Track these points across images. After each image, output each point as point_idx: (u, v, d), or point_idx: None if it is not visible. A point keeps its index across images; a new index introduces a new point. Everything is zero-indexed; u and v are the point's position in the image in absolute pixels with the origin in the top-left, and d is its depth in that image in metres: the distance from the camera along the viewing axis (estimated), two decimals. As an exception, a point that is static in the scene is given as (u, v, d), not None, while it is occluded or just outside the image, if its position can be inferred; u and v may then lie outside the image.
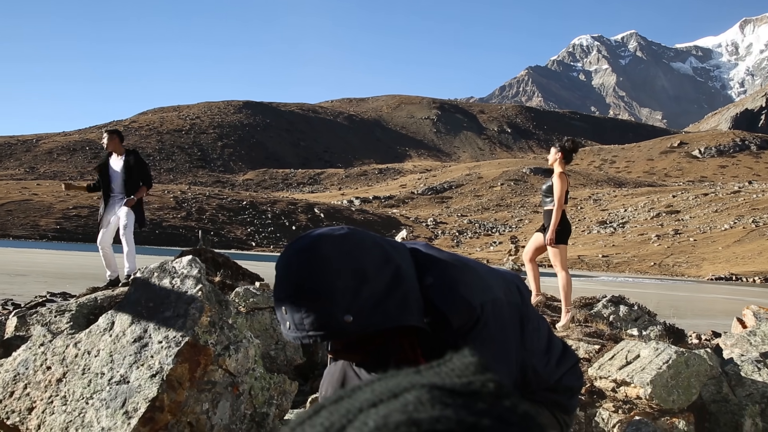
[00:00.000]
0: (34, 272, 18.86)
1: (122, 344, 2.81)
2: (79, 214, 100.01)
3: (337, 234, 1.28)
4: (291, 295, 1.23)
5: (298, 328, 1.23)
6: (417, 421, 0.35)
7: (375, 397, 0.39)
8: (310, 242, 1.25)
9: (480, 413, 0.37)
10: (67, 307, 4.65)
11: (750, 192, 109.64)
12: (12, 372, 2.97)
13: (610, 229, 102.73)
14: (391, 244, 1.34)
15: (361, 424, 0.36)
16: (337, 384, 1.57)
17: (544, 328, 1.65)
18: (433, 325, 1.36)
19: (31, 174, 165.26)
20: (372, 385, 0.42)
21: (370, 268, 1.25)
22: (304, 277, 1.22)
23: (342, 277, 1.22)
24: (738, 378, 4.05)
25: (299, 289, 1.22)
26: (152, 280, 3.05)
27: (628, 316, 6.39)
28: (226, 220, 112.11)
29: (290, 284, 1.23)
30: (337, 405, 0.40)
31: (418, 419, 0.35)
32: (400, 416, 0.36)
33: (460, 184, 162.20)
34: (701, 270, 70.92)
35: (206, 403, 2.71)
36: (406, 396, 0.38)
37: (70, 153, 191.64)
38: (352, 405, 0.39)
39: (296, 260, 1.24)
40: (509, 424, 0.37)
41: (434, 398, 0.38)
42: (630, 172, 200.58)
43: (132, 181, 7.57)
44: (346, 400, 0.40)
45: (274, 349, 4.94)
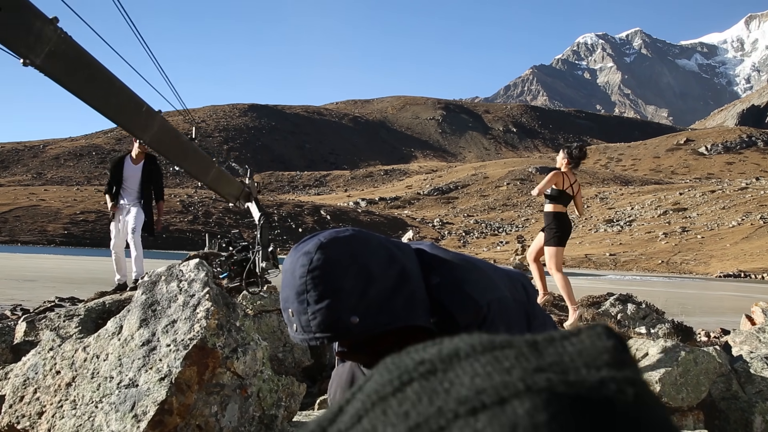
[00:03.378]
0: (43, 277, 18.95)
1: (131, 348, 2.82)
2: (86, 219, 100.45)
3: (343, 235, 1.28)
4: (297, 297, 1.24)
5: (305, 330, 1.24)
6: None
7: (476, 395, 0.29)
8: (315, 244, 1.26)
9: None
10: (76, 311, 4.68)
11: (757, 188, 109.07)
12: (22, 377, 2.98)
13: (617, 228, 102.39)
14: (396, 245, 1.35)
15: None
16: (346, 386, 1.57)
17: (550, 326, 1.65)
18: (440, 324, 1.36)
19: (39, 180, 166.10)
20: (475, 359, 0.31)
21: (376, 269, 1.25)
22: (309, 279, 1.22)
23: (348, 278, 1.22)
24: (747, 375, 4.03)
25: (305, 291, 1.23)
26: (160, 284, 3.06)
27: (636, 315, 6.37)
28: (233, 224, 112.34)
29: (296, 286, 1.24)
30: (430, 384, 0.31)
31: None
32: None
33: (466, 185, 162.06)
34: (709, 267, 70.59)
35: (215, 405, 2.72)
36: (516, 407, 0.28)
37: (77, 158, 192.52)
38: (447, 401, 0.29)
39: (302, 262, 1.24)
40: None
41: (553, 419, 0.27)
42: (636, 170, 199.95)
43: (148, 187, 7.63)
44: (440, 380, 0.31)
45: (281, 351, 4.95)
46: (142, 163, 7.63)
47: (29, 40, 4.43)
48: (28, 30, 4.41)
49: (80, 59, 5.00)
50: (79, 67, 5.00)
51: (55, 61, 4.70)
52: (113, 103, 5.58)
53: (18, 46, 4.37)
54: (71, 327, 4.40)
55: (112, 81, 5.53)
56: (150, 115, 6.20)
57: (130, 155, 7.73)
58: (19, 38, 4.37)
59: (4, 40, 4.30)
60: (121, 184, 7.63)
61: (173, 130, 7.10)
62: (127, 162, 7.68)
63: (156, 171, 7.71)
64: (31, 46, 4.45)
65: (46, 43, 4.54)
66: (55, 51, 4.63)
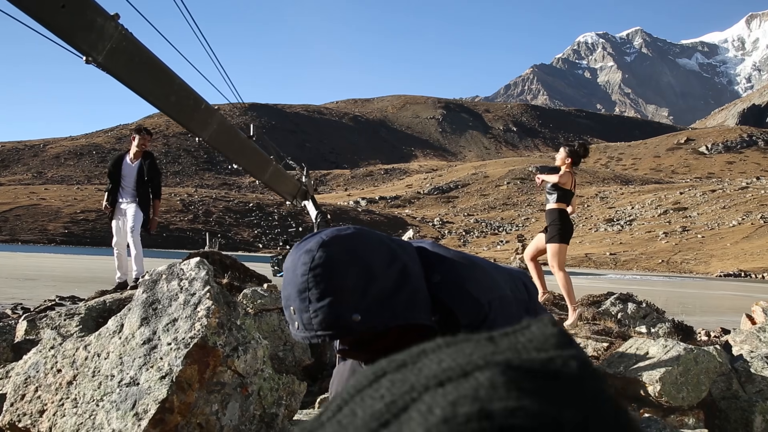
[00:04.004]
0: (43, 276, 18.96)
1: (131, 346, 2.82)
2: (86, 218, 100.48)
3: (344, 233, 1.28)
4: (299, 295, 1.24)
5: (306, 328, 1.24)
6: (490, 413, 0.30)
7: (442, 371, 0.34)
8: (316, 242, 1.25)
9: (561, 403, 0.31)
10: (77, 310, 4.68)
11: (758, 188, 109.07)
12: (23, 375, 2.99)
13: (618, 227, 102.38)
14: (398, 243, 1.34)
15: (426, 410, 0.31)
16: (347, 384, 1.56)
17: None
18: (442, 322, 1.36)
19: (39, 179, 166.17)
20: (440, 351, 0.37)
21: (377, 267, 1.25)
22: (311, 277, 1.22)
23: (349, 276, 1.22)
24: (748, 374, 4.03)
25: (307, 289, 1.22)
26: (160, 282, 3.06)
27: (636, 314, 6.38)
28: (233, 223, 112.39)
29: (298, 284, 1.24)
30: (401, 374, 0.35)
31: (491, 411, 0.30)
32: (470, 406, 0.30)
33: (466, 184, 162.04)
34: (709, 267, 70.58)
35: (216, 404, 2.72)
36: (477, 377, 0.32)
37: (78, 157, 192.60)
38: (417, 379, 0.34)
39: (304, 260, 1.24)
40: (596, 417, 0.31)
41: (510, 382, 0.32)
42: (637, 170, 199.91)
43: (145, 185, 7.59)
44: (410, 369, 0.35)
45: (282, 350, 4.96)
46: (138, 162, 7.61)
47: (91, 37, 4.40)
48: (90, 27, 4.38)
49: (140, 56, 4.97)
50: (139, 63, 4.97)
51: (117, 58, 4.67)
52: (173, 100, 5.55)
53: (80, 44, 4.35)
54: (72, 325, 4.40)
55: (172, 78, 5.49)
56: (209, 113, 6.16)
57: (128, 154, 7.71)
58: (82, 36, 4.35)
59: (68, 38, 4.29)
60: (120, 183, 7.61)
61: (232, 128, 7.05)
62: (125, 160, 7.67)
63: (152, 169, 7.67)
64: (93, 43, 4.42)
65: (108, 40, 4.51)
66: (117, 48, 4.61)
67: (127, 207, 7.55)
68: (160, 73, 5.30)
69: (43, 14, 4.12)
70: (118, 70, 4.76)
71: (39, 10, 4.10)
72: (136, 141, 7.64)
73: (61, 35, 4.26)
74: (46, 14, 4.13)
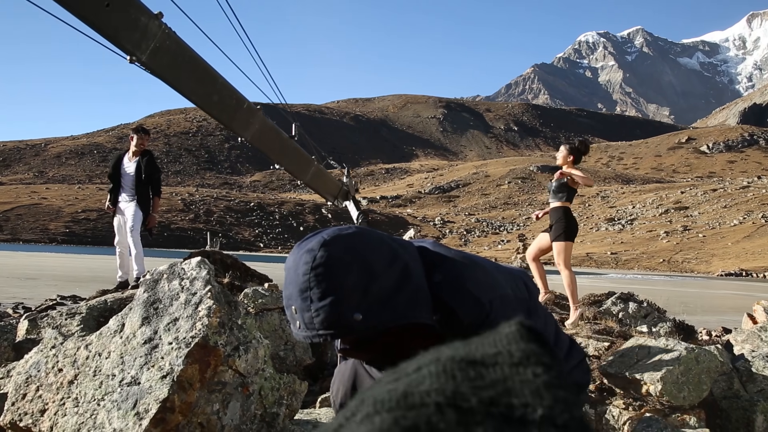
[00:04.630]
0: (44, 276, 18.97)
1: (132, 346, 2.82)
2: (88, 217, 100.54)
3: (346, 233, 1.27)
4: (300, 294, 1.23)
5: (308, 328, 1.23)
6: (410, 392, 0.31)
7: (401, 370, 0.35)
8: (318, 242, 1.25)
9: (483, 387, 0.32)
10: (78, 309, 4.69)
11: (759, 187, 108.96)
12: (24, 374, 2.99)
13: (619, 226, 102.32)
14: (399, 242, 1.34)
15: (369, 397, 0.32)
16: (348, 383, 1.56)
17: (551, 324, 1.65)
18: (443, 322, 1.36)
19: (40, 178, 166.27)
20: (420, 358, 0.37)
21: (379, 266, 1.24)
22: (313, 276, 1.22)
23: (351, 276, 1.21)
24: (749, 374, 4.03)
25: (308, 288, 1.22)
26: (161, 282, 3.06)
27: (637, 313, 6.37)
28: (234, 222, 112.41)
29: (299, 284, 1.23)
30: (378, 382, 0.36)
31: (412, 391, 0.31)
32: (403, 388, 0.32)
33: (468, 183, 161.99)
34: (711, 266, 70.53)
35: (217, 403, 2.72)
36: (428, 368, 0.34)
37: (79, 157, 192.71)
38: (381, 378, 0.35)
39: (305, 259, 1.24)
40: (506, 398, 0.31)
41: (450, 370, 0.33)
42: (638, 169, 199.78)
43: (144, 183, 7.58)
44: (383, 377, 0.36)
45: (283, 349, 4.96)
46: (137, 160, 7.60)
47: (135, 37, 4.39)
48: (134, 26, 4.37)
49: (183, 55, 4.95)
50: (182, 63, 4.95)
51: (160, 58, 4.65)
52: (215, 99, 5.52)
53: (125, 43, 4.34)
54: (73, 325, 4.41)
55: (215, 77, 5.47)
56: (251, 113, 6.13)
57: (127, 153, 7.72)
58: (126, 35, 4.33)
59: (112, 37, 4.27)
60: (120, 183, 7.62)
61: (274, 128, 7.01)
62: (124, 160, 7.68)
63: (151, 166, 7.65)
64: (137, 42, 4.41)
65: (152, 39, 4.49)
66: (160, 47, 4.59)
67: (127, 206, 7.55)
68: (202, 72, 5.27)
69: (88, 13, 4.11)
70: (161, 70, 4.74)
71: (83, 8, 4.09)
72: (134, 141, 7.65)
73: (105, 34, 4.25)
74: (90, 13, 4.12)
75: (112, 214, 7.69)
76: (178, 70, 4.92)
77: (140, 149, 7.65)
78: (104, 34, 4.22)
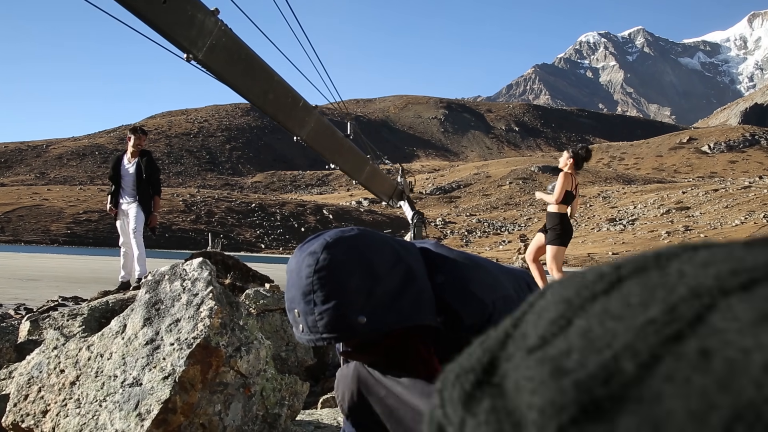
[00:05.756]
0: (46, 277, 18.99)
1: (134, 347, 2.83)
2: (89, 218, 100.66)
3: (348, 235, 1.26)
4: (303, 297, 1.22)
5: (311, 331, 1.22)
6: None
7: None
8: (320, 244, 1.24)
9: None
10: (79, 310, 4.69)
11: (761, 187, 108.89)
12: (26, 375, 2.99)
13: (620, 227, 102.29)
14: (401, 244, 1.33)
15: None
16: (354, 386, 1.55)
17: None
18: (446, 323, 1.35)
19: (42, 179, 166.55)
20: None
21: (382, 268, 1.24)
22: (316, 279, 1.20)
23: (354, 278, 1.20)
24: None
25: (312, 291, 1.20)
26: (163, 282, 3.06)
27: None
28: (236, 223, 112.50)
29: (302, 287, 1.22)
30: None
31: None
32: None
33: (469, 184, 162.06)
34: (712, 266, 70.48)
35: (218, 404, 2.72)
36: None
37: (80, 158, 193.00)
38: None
39: (308, 262, 1.22)
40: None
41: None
42: (639, 169, 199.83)
43: (144, 183, 7.58)
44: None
45: (284, 350, 4.96)
46: (136, 161, 7.61)
47: (191, 34, 4.36)
48: (190, 23, 4.35)
49: (240, 52, 4.92)
50: (239, 60, 4.92)
51: (216, 55, 4.63)
52: (271, 98, 5.49)
53: (181, 40, 4.32)
54: (75, 326, 4.41)
55: (271, 75, 5.43)
56: (307, 111, 6.09)
57: (126, 154, 7.72)
58: (182, 32, 4.31)
59: (168, 34, 4.26)
60: (120, 183, 7.63)
61: (330, 127, 6.96)
62: (124, 160, 7.68)
63: (150, 165, 7.65)
64: (194, 39, 4.39)
65: (208, 36, 4.47)
66: (217, 44, 4.57)
67: (129, 208, 7.56)
68: (259, 69, 5.23)
69: (145, 9, 4.09)
70: (218, 67, 4.72)
71: (140, 5, 4.07)
72: (131, 141, 7.66)
73: (162, 32, 4.23)
74: (147, 9, 4.10)
75: (115, 216, 7.69)
76: (235, 68, 4.89)
77: (138, 150, 7.65)
78: (160, 31, 4.21)
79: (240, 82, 5.05)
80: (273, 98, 5.50)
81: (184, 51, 4.37)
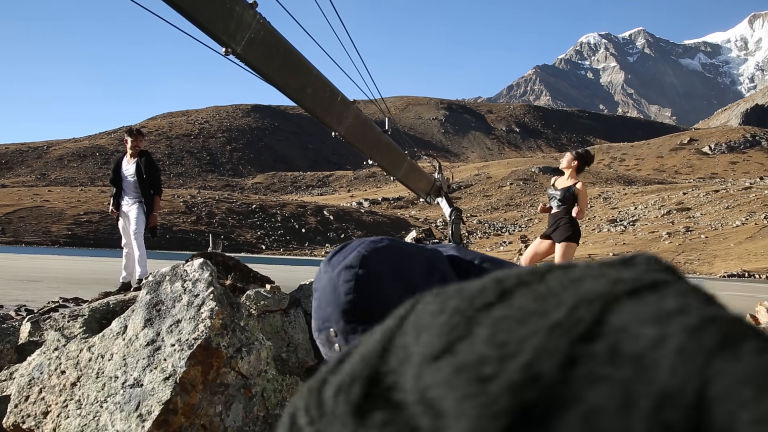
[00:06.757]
0: (47, 278, 18.99)
1: (135, 348, 2.82)
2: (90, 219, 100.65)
3: (382, 245, 1.18)
4: (343, 315, 1.14)
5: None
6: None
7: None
8: (356, 257, 1.15)
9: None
10: (80, 312, 4.69)
11: (761, 188, 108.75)
12: (27, 376, 2.99)
13: (621, 228, 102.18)
14: (431, 250, 1.25)
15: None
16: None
17: None
18: None
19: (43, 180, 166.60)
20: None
21: (419, 278, 1.17)
22: (356, 295, 1.13)
23: (394, 291, 1.14)
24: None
25: (353, 308, 1.13)
26: (164, 283, 3.06)
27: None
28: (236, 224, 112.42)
29: (341, 304, 1.14)
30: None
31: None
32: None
33: (469, 185, 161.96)
34: (713, 267, 70.41)
35: (219, 405, 2.72)
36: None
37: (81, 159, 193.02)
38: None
39: (345, 278, 1.14)
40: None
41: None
42: (640, 170, 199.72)
43: (144, 183, 7.58)
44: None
45: (285, 351, 4.96)
46: (135, 162, 7.61)
47: (230, 27, 4.35)
48: (229, 16, 4.34)
49: (278, 46, 4.89)
50: (277, 53, 4.88)
51: (255, 49, 4.60)
52: (310, 92, 5.44)
53: (220, 34, 4.31)
54: (76, 327, 4.40)
55: (309, 69, 5.39)
56: (345, 106, 6.03)
57: (125, 155, 7.73)
58: (221, 25, 4.30)
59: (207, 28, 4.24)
60: (121, 185, 7.63)
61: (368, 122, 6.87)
62: (123, 162, 7.69)
63: (149, 166, 7.65)
64: (232, 33, 4.37)
65: (246, 29, 4.46)
66: (255, 38, 4.55)
67: (130, 209, 7.57)
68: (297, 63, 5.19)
69: (184, 3, 4.09)
70: (256, 61, 4.68)
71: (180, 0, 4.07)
72: (129, 143, 7.67)
73: (201, 26, 4.22)
74: (186, 3, 4.10)
75: (116, 217, 7.71)
76: (273, 62, 4.85)
77: (136, 151, 7.66)
78: (199, 25, 4.19)
79: (278, 77, 5.01)
80: (311, 93, 5.46)
81: (223, 45, 4.35)
